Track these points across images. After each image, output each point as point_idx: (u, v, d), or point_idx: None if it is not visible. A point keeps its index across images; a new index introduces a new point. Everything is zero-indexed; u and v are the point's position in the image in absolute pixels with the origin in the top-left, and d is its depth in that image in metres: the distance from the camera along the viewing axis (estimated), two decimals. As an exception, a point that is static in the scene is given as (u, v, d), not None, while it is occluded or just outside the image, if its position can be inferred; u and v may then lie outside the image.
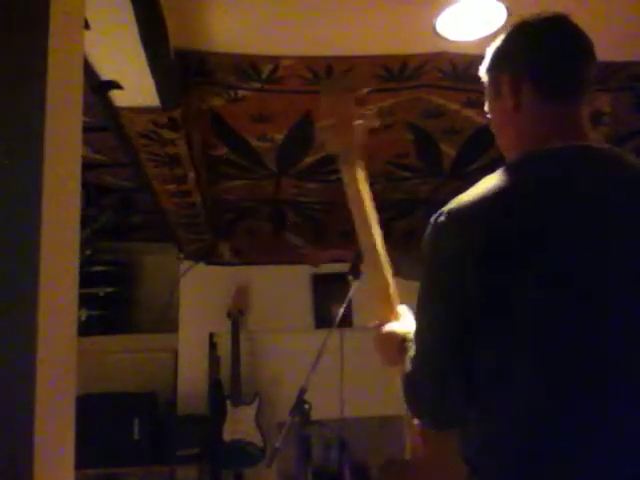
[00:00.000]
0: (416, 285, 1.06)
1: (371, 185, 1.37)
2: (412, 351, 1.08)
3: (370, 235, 1.36)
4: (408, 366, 1.08)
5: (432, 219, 1.04)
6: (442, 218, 1.02)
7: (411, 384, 1.09)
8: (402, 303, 1.35)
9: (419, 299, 1.07)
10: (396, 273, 1.38)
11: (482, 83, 1.18)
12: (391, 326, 1.30)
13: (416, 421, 1.23)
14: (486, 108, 1.18)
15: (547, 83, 1.08)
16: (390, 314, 1.33)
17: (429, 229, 1.04)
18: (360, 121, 1.37)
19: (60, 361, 0.92)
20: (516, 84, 1.09)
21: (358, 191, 1.37)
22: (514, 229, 0.97)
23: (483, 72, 1.17)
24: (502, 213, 0.99)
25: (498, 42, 1.14)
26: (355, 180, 1.37)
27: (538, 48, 1.10)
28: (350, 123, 1.37)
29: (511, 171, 1.03)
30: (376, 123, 1.40)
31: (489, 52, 1.15)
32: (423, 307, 1.06)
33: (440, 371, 1.03)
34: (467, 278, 0.96)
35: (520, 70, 1.09)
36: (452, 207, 1.02)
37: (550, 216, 0.97)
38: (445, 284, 1.01)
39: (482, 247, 0.97)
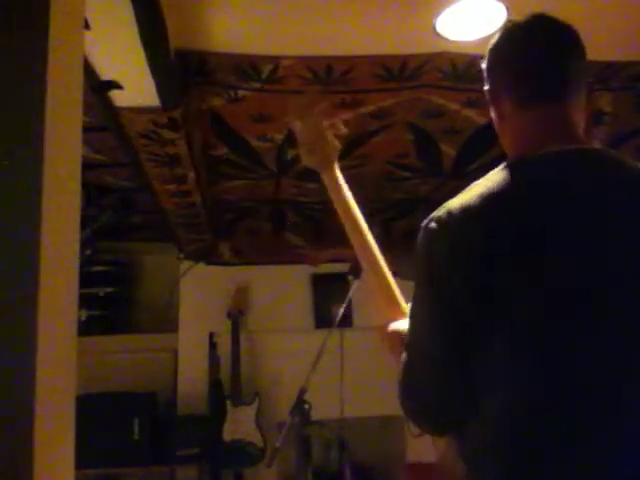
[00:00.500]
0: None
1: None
2: (405, 356, 1.07)
3: (362, 235, 1.36)
4: (402, 370, 1.08)
5: (423, 224, 1.04)
6: (433, 224, 1.01)
7: (408, 388, 1.08)
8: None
9: (413, 305, 1.06)
10: (395, 273, 1.38)
11: (482, 83, 1.18)
12: (396, 325, 1.30)
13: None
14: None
15: (525, 92, 1.07)
16: (395, 313, 1.33)
17: (421, 235, 1.03)
18: (329, 131, 1.40)
19: (60, 361, 0.92)
20: (497, 97, 1.10)
21: (342, 195, 1.39)
22: (511, 230, 0.97)
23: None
24: (497, 215, 0.99)
25: (485, 56, 1.14)
26: (337, 185, 1.39)
27: (512, 59, 1.09)
28: (320, 136, 1.39)
29: (504, 174, 1.03)
30: (344, 130, 1.45)
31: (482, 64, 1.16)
32: (420, 311, 1.06)
33: (439, 375, 1.02)
34: (463, 281, 0.96)
35: (499, 84, 1.10)
36: (443, 212, 1.02)
37: (546, 217, 0.96)
38: (440, 288, 1.00)
39: (478, 249, 0.97)
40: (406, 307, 1.32)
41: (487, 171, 1.07)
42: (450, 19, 1.77)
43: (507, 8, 1.72)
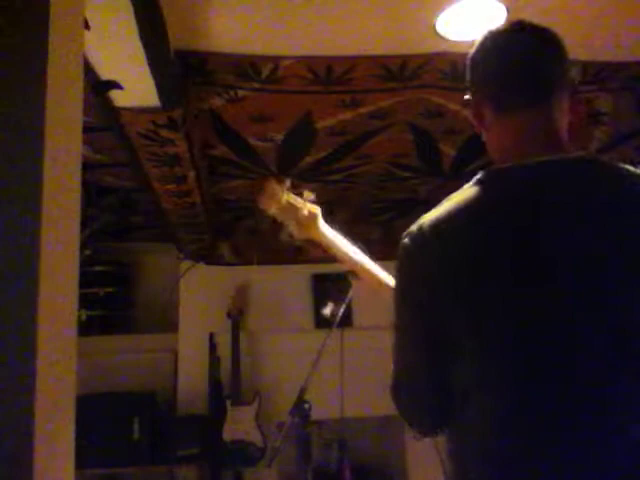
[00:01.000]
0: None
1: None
2: (392, 364, 1.11)
3: (369, 270, 1.54)
4: (391, 376, 1.11)
5: (402, 236, 1.07)
6: (406, 240, 1.06)
7: (394, 396, 1.11)
8: None
9: (394, 315, 1.09)
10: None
11: None
12: None
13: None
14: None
15: (503, 98, 1.06)
16: None
17: (399, 248, 1.07)
18: (301, 202, 1.58)
19: (60, 361, 0.92)
20: (479, 106, 1.10)
21: (339, 247, 1.56)
22: (480, 244, 0.99)
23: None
24: (466, 230, 1.01)
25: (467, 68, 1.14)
26: (330, 240, 1.56)
27: (487, 66, 1.09)
28: (295, 212, 1.55)
29: (476, 188, 1.04)
30: (312, 196, 1.64)
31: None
32: (399, 320, 1.08)
33: (426, 377, 1.05)
34: (436, 293, 0.99)
35: (479, 93, 1.10)
36: (415, 228, 1.06)
37: (517, 231, 0.98)
38: (414, 299, 1.04)
39: (447, 264, 1.00)
40: None
41: (487, 171, 1.07)
42: (450, 19, 1.77)
43: (507, 8, 1.72)
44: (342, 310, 2.57)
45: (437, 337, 1.00)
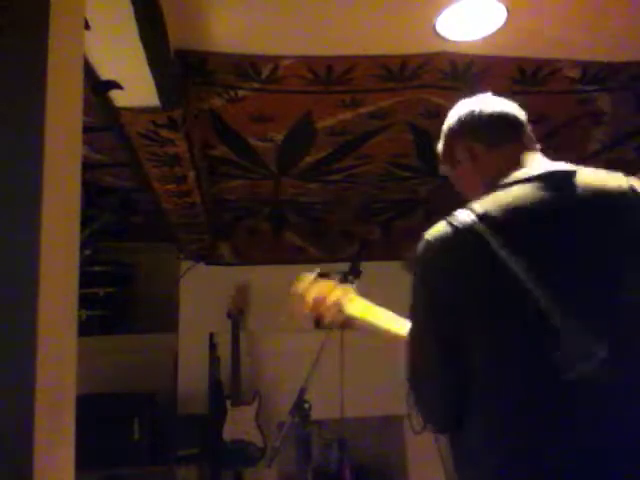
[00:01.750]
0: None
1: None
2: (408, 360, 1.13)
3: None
4: (407, 374, 1.14)
5: (424, 235, 1.12)
6: (428, 236, 1.10)
7: (413, 390, 1.13)
8: None
9: (410, 311, 1.13)
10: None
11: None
12: None
13: None
14: (445, 172, 1.44)
15: (494, 137, 1.28)
16: None
17: (419, 246, 1.12)
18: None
19: (60, 361, 0.92)
20: (469, 146, 1.30)
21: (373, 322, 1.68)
22: (492, 248, 1.01)
23: (439, 148, 1.43)
24: (479, 236, 1.04)
25: (447, 125, 1.42)
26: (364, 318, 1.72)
27: (473, 118, 1.34)
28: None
29: (499, 194, 1.12)
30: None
31: (443, 133, 1.41)
32: (412, 319, 1.13)
33: (436, 372, 1.06)
34: (455, 293, 1.02)
35: (468, 137, 1.32)
36: (439, 225, 1.10)
37: (521, 236, 1.02)
38: (430, 292, 1.07)
39: (467, 265, 1.03)
40: None
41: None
42: (450, 19, 1.77)
43: (507, 8, 1.72)
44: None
45: (451, 334, 1.02)
